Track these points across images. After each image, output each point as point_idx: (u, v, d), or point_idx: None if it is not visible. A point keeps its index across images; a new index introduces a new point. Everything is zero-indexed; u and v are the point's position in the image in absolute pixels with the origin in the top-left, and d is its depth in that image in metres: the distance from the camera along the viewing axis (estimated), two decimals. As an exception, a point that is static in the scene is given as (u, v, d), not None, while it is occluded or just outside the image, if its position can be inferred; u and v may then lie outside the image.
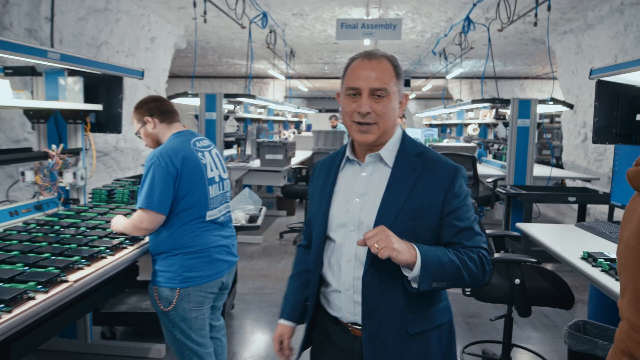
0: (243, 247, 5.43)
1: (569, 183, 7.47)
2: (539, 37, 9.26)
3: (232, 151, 6.10)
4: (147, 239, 2.23)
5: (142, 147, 8.09)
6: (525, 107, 5.13)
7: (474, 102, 5.45)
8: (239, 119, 7.09)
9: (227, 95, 5.58)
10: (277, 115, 9.12)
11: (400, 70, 1.34)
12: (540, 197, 4.64)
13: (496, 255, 2.43)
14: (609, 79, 2.75)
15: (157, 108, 2.23)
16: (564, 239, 2.46)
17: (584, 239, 2.44)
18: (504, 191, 4.75)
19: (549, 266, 4.67)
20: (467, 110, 7.91)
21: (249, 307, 3.80)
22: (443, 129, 10.23)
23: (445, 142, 8.27)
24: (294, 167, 5.92)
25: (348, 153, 1.39)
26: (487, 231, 2.46)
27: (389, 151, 1.35)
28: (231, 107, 5.82)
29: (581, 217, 5.19)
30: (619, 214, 4.76)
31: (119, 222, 2.23)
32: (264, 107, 7.81)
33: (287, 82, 15.20)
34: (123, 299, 3.34)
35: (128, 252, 2.11)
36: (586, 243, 2.35)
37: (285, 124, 10.61)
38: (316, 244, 1.40)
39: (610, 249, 2.15)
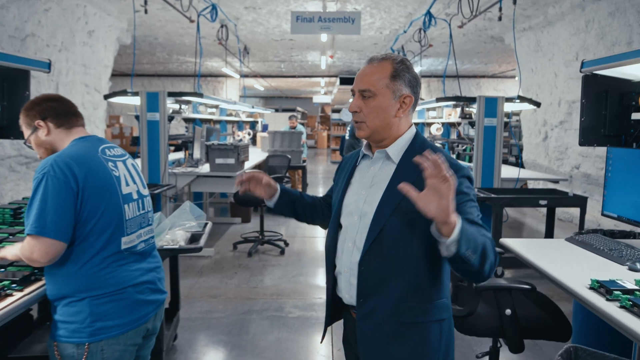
0: (192, 261, 4.92)
1: (531, 184, 7.32)
2: (497, 35, 9.14)
3: (180, 155, 5.57)
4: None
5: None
6: (491, 105, 4.86)
7: (438, 100, 5.15)
8: (187, 120, 6.54)
9: (171, 94, 5.05)
10: (231, 115, 8.59)
11: (401, 72, 1.38)
12: (511, 201, 4.37)
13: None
14: (601, 72, 2.44)
15: (52, 109, 1.73)
16: (559, 259, 2.12)
17: (583, 259, 2.11)
18: (472, 195, 4.45)
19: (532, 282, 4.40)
20: (428, 110, 7.64)
21: (195, 336, 3.32)
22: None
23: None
24: (247, 171, 5.45)
25: (364, 149, 1.52)
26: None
27: (397, 148, 1.42)
28: (176, 106, 5.29)
29: (550, 220, 4.97)
30: (603, 222, 4.56)
31: (10, 252, 1.71)
32: (216, 106, 7.28)
33: (240, 81, 14.63)
34: (42, 335, 2.79)
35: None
36: (587, 265, 2.02)
37: (240, 125, 10.08)
38: (331, 228, 1.52)
39: (619, 274, 1.82)
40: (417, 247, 1.34)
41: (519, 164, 6.21)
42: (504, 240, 2.41)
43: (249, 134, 9.84)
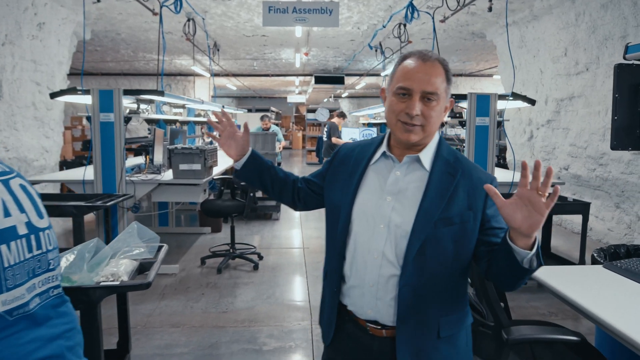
0: (154, 279, 4.35)
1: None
2: (478, 31, 8.79)
3: (140, 160, 4.99)
4: None
5: (33, 156, 6.73)
6: (483, 103, 4.45)
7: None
8: (150, 121, 5.95)
9: (128, 92, 4.47)
10: (199, 115, 8.01)
11: (450, 75, 1.32)
12: (508, 208, 3.95)
13: (515, 330, 1.61)
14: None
15: None
16: (609, 297, 1.68)
17: (635, 294, 1.67)
18: (466, 203, 4.02)
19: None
20: (410, 108, 7.22)
21: (151, 378, 2.78)
22: (382, 128, 9.55)
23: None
24: (216, 177, 4.92)
25: (384, 148, 1.38)
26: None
27: (427, 155, 1.35)
28: (134, 106, 4.71)
29: (547, 228, 4.59)
30: (596, 226, 4.18)
31: None
32: (182, 106, 6.69)
33: (210, 80, 13.99)
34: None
35: None
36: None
37: (210, 126, 9.49)
38: (341, 234, 1.36)
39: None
40: (457, 260, 1.31)
41: (508, 165, 5.84)
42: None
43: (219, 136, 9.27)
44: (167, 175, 4.64)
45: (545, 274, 1.92)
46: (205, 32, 8.71)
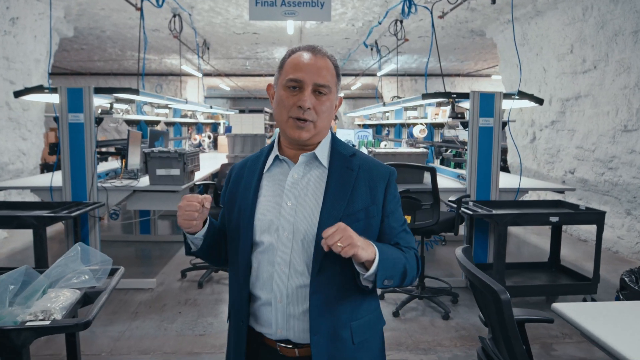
0: (127, 296, 3.99)
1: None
2: (478, 28, 8.45)
3: (116, 164, 4.61)
4: None
5: (7, 159, 6.33)
6: (487, 103, 4.10)
7: (424, 96, 4.35)
8: (131, 123, 5.58)
9: (100, 90, 4.09)
10: (186, 116, 7.63)
11: (339, 71, 1.31)
12: (516, 218, 3.60)
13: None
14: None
15: None
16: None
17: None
18: (470, 212, 3.66)
19: None
20: (407, 109, 6.87)
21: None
22: (378, 129, 9.19)
23: (383, 146, 7.19)
24: (198, 183, 4.54)
25: (276, 152, 1.32)
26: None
27: (324, 151, 1.30)
28: (106, 105, 4.34)
29: (556, 238, 4.23)
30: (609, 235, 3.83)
31: None
32: (166, 106, 6.31)
33: (199, 80, 13.59)
34: None
35: None
36: None
37: (199, 127, 9.11)
38: (243, 253, 1.27)
39: None
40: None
41: (509, 168, 5.50)
42: (559, 307, 1.60)
43: (209, 137, 8.89)
44: (144, 181, 4.26)
45: (582, 316, 1.56)
46: (193, 29, 8.34)
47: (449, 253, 5.12)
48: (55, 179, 4.08)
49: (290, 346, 1.25)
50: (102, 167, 4.85)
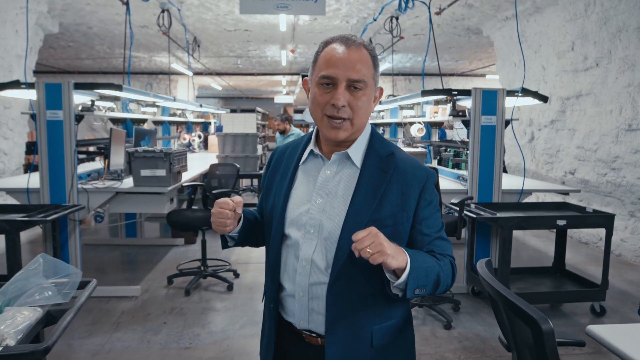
0: (110, 304, 3.75)
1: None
2: (474, 26, 8.27)
3: (99, 164, 4.36)
4: None
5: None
6: (490, 100, 3.91)
7: (424, 93, 4.16)
8: (116, 121, 5.33)
9: (80, 86, 3.85)
10: (175, 115, 7.38)
11: (377, 61, 1.22)
12: (521, 222, 3.40)
13: None
14: None
15: None
16: None
17: None
18: (473, 215, 3.46)
19: None
20: (402, 108, 6.67)
21: None
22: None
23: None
24: (185, 184, 4.31)
25: (312, 146, 1.28)
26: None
27: (358, 150, 1.24)
28: (87, 102, 4.10)
29: (560, 244, 4.05)
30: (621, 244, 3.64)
31: None
32: (153, 104, 6.06)
33: (189, 79, 13.31)
34: None
35: None
36: None
37: (189, 126, 8.86)
38: (274, 243, 1.28)
39: None
40: None
41: (507, 168, 5.31)
42: (595, 330, 1.39)
43: (199, 137, 8.65)
44: (128, 182, 4.03)
45: (613, 335, 1.35)
46: (183, 26, 8.09)
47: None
48: (34, 180, 3.85)
49: (315, 335, 1.25)
50: (85, 167, 4.61)
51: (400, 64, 12.69)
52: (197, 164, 6.11)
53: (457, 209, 3.41)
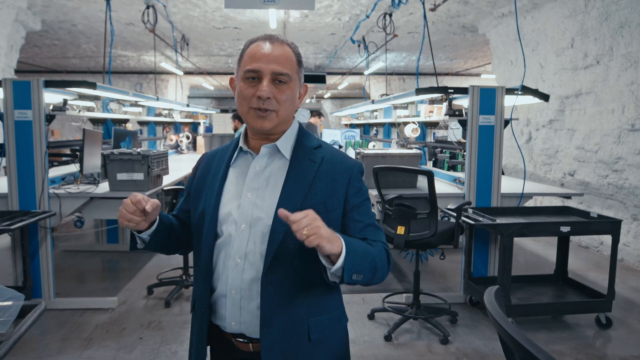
0: (83, 317, 3.50)
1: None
2: (470, 24, 8.08)
3: (74, 168, 4.11)
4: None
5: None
6: (488, 99, 3.69)
7: (418, 92, 3.94)
8: (96, 121, 5.07)
9: (51, 83, 3.60)
10: (161, 115, 7.12)
11: (301, 58, 1.28)
12: (522, 228, 3.19)
13: None
14: None
15: None
16: None
17: None
18: (471, 221, 3.24)
19: None
20: (396, 107, 6.45)
21: None
22: (366, 129, 8.77)
23: (372, 146, 6.77)
24: (166, 188, 4.07)
25: (241, 143, 1.30)
26: None
27: (286, 143, 1.28)
28: (59, 101, 3.85)
29: (563, 251, 3.83)
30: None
31: None
32: (136, 103, 5.81)
33: (179, 79, 13.03)
34: None
35: None
36: None
37: (177, 127, 8.60)
38: (205, 244, 1.26)
39: None
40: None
41: (503, 170, 5.10)
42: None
43: (187, 138, 8.39)
44: (104, 186, 3.78)
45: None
46: (169, 23, 7.84)
47: (443, 263, 4.70)
48: (1, 184, 3.59)
49: (245, 340, 1.24)
50: (60, 170, 4.35)
51: (394, 63, 12.48)
52: (185, 166, 5.86)
53: (455, 214, 3.19)
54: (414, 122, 5.10)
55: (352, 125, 9.35)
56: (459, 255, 3.96)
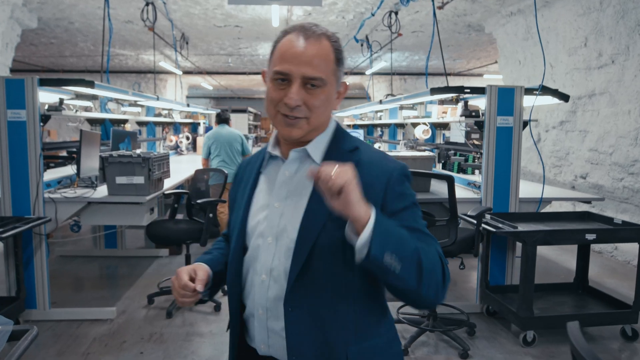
0: (80, 329, 3.32)
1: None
2: (476, 23, 7.91)
3: (71, 170, 3.91)
4: None
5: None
6: (506, 99, 3.52)
7: (434, 91, 3.76)
8: (94, 122, 4.88)
9: (45, 82, 3.41)
10: (160, 115, 6.93)
11: (342, 55, 1.09)
12: (547, 235, 3.01)
13: None
14: None
15: None
16: None
17: None
18: (492, 228, 3.07)
19: None
20: (402, 108, 6.27)
21: None
22: (370, 130, 8.59)
23: (377, 148, 6.57)
24: (167, 192, 3.89)
25: (270, 148, 1.16)
26: None
27: (318, 146, 1.12)
28: (55, 100, 3.66)
29: (583, 258, 3.66)
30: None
31: None
32: (135, 103, 5.62)
33: (179, 78, 12.82)
34: None
35: None
36: None
37: (177, 127, 8.42)
38: (233, 258, 1.15)
39: None
40: (358, 271, 1.03)
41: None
42: None
43: (187, 138, 8.21)
44: (102, 190, 3.59)
45: None
46: (169, 21, 7.65)
47: (454, 269, 4.52)
48: (-6, 188, 3.40)
49: None
50: (57, 173, 4.15)
51: (397, 63, 12.31)
52: (185, 167, 5.68)
53: (475, 221, 3.01)
54: (424, 124, 4.92)
55: (355, 126, 9.18)
56: (470, 261, 3.79)
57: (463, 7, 6.99)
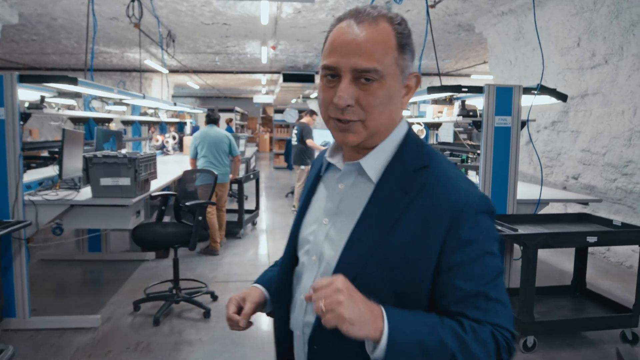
0: (63, 339, 3.16)
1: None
2: (466, 22, 7.86)
3: (53, 171, 3.74)
4: None
5: None
6: (504, 98, 3.44)
7: (430, 90, 3.67)
8: (77, 121, 4.70)
9: (25, 78, 3.24)
10: (146, 114, 6.76)
11: (406, 39, 0.88)
12: (548, 238, 2.93)
13: None
14: None
15: None
16: None
17: None
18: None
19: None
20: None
21: None
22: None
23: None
24: (154, 194, 3.74)
25: (328, 154, 1.00)
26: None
27: (376, 160, 0.92)
28: (36, 98, 3.50)
29: (581, 260, 3.61)
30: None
31: None
32: (120, 102, 5.44)
33: (164, 77, 12.61)
34: None
35: None
36: None
37: (163, 127, 8.23)
38: (282, 271, 1.05)
39: None
40: None
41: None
42: None
43: (173, 138, 8.03)
44: (86, 192, 3.43)
45: None
46: (155, 18, 7.48)
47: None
48: (-30, 190, 3.22)
49: None
50: (38, 173, 3.98)
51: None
52: (172, 168, 5.52)
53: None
54: (419, 123, 4.84)
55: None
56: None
57: (454, 6, 6.94)
